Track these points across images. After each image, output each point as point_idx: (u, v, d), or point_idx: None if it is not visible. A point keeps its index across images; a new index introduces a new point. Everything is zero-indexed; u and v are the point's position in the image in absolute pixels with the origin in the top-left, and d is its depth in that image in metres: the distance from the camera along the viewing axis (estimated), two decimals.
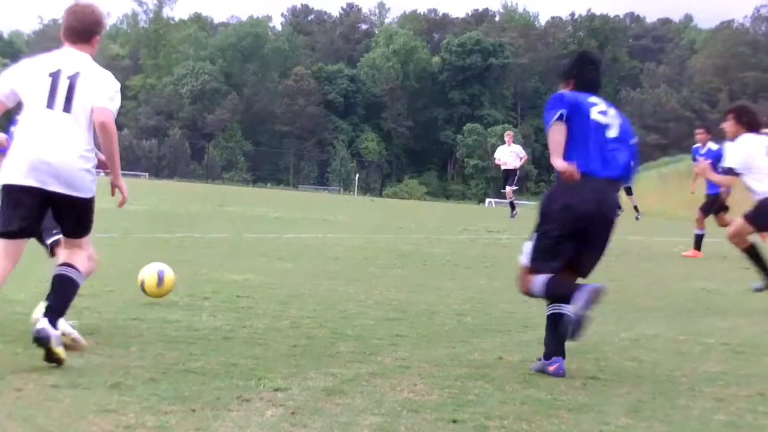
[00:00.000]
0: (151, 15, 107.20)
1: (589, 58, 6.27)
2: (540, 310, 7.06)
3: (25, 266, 8.98)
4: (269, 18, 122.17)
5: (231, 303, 7.54)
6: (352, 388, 4.84)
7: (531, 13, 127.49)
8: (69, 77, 5.28)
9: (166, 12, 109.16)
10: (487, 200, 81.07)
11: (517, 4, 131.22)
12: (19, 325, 5.91)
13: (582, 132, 5.67)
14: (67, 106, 5.25)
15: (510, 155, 25.93)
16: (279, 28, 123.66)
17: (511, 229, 21.25)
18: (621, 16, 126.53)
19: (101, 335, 5.79)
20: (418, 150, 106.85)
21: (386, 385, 5.00)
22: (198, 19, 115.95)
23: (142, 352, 5.39)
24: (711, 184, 15.31)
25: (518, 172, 26.23)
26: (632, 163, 5.84)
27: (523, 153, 26.48)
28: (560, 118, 5.63)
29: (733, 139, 9.70)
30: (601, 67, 6.29)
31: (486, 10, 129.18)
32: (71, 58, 5.38)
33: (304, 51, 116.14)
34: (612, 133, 5.77)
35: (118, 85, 5.44)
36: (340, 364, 5.45)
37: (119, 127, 9.91)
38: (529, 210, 48.05)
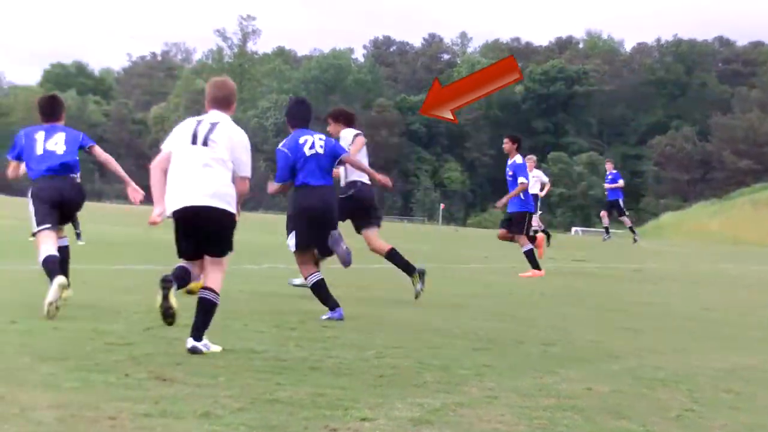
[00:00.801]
0: (236, 50, 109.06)
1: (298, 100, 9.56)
2: (627, 341, 6.95)
3: (116, 299, 9.15)
4: (351, 50, 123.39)
5: (317, 333, 7.56)
6: (439, 419, 4.80)
7: (616, 39, 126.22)
8: (211, 123, 6.67)
9: (250, 46, 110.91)
10: (573, 229, 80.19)
11: (601, 30, 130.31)
12: (112, 355, 6.01)
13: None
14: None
15: (531, 180, 25.67)
16: (361, 60, 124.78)
17: (597, 258, 20.96)
18: (709, 41, 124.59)
19: (190, 365, 5.85)
20: (502, 179, 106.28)
21: (473, 415, 4.94)
22: (281, 53, 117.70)
23: (230, 381, 5.43)
24: None
25: (539, 198, 25.74)
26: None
27: (545, 178, 25.97)
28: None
29: None
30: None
31: (569, 37, 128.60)
32: (215, 116, 6.74)
33: (386, 82, 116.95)
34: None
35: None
36: (426, 394, 5.41)
37: None
38: (621, 238, 47.49)
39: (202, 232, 6.54)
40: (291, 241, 8.80)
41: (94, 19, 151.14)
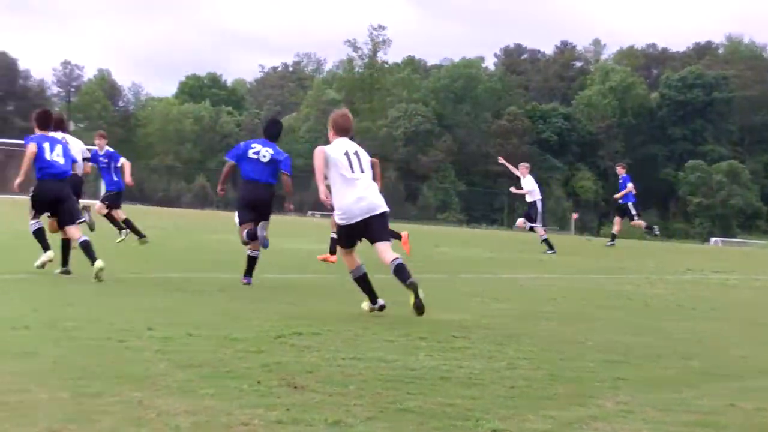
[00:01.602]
0: (366, 60, 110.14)
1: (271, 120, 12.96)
2: None
3: (248, 307, 9.29)
4: (482, 59, 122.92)
5: (447, 343, 7.50)
6: None
7: (758, 44, 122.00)
8: (355, 152, 9.22)
9: (381, 56, 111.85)
10: (713, 239, 77.91)
11: (743, 34, 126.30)
12: (244, 362, 6.09)
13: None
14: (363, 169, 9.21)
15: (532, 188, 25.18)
16: (492, 68, 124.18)
17: (738, 269, 20.26)
18: None
19: (321, 373, 5.88)
20: (637, 188, 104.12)
21: (608, 429, 4.81)
22: (411, 62, 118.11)
23: (360, 390, 5.42)
24: None
25: (538, 206, 24.86)
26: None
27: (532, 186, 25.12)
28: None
29: None
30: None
31: (708, 42, 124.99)
32: (350, 143, 9.32)
33: (517, 90, 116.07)
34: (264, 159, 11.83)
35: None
36: (558, 406, 5.29)
37: None
38: (761, 249, 45.83)
39: (376, 229, 9.08)
40: (236, 219, 11.95)
41: (228, 31, 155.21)
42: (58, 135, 12.61)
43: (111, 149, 18.35)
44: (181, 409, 4.71)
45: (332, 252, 16.49)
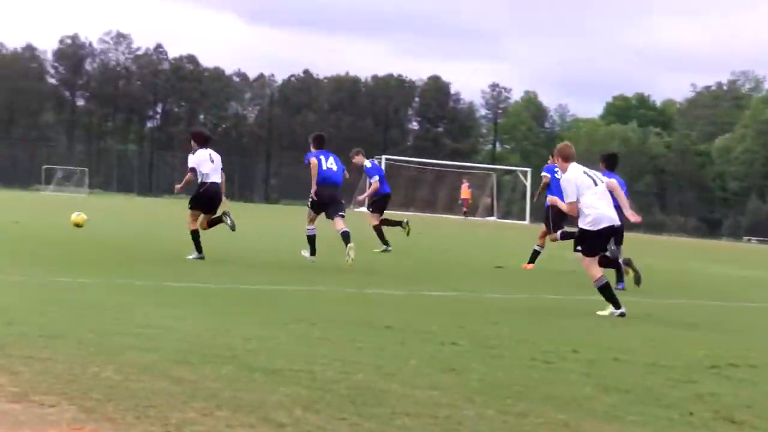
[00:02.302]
0: None
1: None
2: None
3: (679, 334, 8.84)
4: None
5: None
6: None
7: None
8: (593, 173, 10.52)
9: None
10: None
11: None
12: (673, 390, 5.75)
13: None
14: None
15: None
16: None
17: None
18: None
19: (762, 408, 5.38)
20: None
21: None
22: None
23: None
24: None
25: None
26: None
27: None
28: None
29: None
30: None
31: None
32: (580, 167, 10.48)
33: None
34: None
35: None
36: None
37: None
38: None
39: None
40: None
41: (657, 50, 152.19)
42: (207, 151, 14.67)
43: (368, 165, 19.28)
44: None
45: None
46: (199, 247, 14.09)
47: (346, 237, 14.27)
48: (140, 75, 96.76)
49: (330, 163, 14.77)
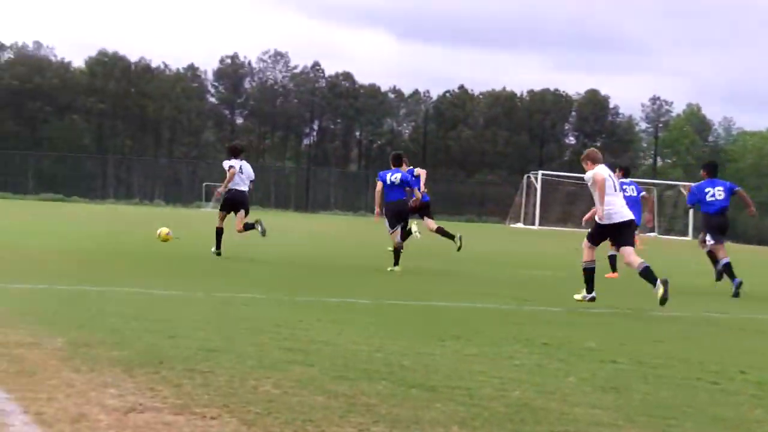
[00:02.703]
0: None
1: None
2: None
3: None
4: None
5: None
6: None
7: None
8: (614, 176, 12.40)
9: None
10: None
11: None
12: None
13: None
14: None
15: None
16: None
17: None
18: None
19: None
20: None
21: None
22: None
23: None
24: None
25: None
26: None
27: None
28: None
29: None
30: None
31: None
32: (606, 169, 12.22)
33: None
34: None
35: None
36: None
37: None
38: None
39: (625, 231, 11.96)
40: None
41: None
42: (239, 162, 17.39)
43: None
44: None
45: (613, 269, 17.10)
46: (218, 244, 16.83)
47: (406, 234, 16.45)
48: (297, 93, 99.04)
49: (394, 178, 16.01)
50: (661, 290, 10.84)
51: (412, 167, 17.89)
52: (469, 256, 20.87)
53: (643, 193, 17.93)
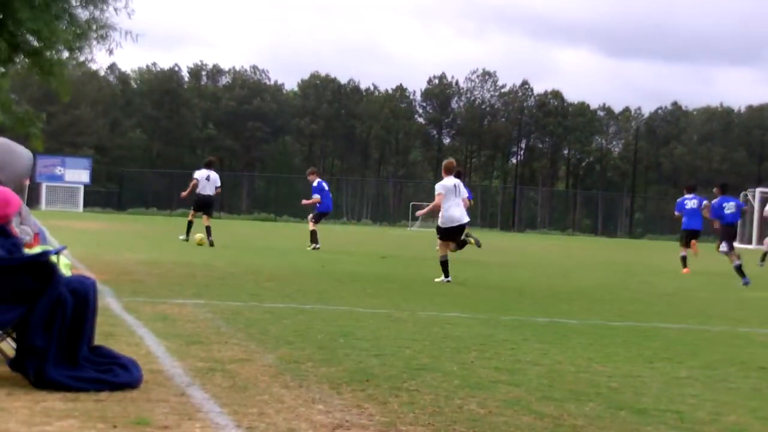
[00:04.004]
0: None
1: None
2: None
3: None
4: None
5: None
6: None
7: None
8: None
9: None
10: None
11: None
12: None
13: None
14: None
15: None
16: None
17: None
18: None
19: None
20: None
21: None
22: None
23: None
24: None
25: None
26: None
27: None
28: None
29: None
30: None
31: None
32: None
33: None
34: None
35: None
36: None
37: None
38: None
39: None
40: None
41: None
42: (209, 171, 23.62)
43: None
44: None
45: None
46: (188, 232, 23.73)
47: None
48: (505, 111, 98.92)
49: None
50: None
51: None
52: (681, 276, 20.19)
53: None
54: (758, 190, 55.23)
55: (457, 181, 15.80)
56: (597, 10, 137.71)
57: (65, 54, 14.42)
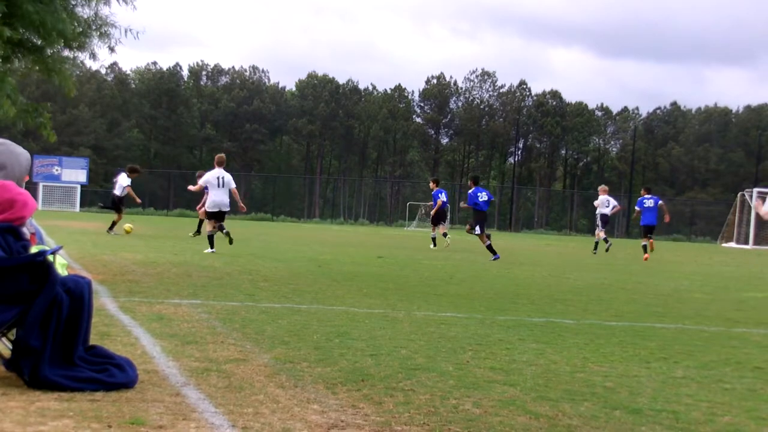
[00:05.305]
0: None
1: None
2: None
3: None
4: None
5: None
6: None
7: None
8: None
9: None
10: None
11: None
12: None
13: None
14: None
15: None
16: None
17: None
18: None
19: None
20: None
21: None
22: None
23: None
24: None
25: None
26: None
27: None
28: None
29: None
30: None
31: None
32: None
33: None
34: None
35: None
36: None
37: None
38: None
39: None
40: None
41: None
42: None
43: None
44: None
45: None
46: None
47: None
48: (503, 112, 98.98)
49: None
50: None
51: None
52: (677, 276, 20.20)
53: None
54: (755, 190, 55.28)
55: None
56: (587, 9, 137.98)
57: (66, 52, 14.40)
